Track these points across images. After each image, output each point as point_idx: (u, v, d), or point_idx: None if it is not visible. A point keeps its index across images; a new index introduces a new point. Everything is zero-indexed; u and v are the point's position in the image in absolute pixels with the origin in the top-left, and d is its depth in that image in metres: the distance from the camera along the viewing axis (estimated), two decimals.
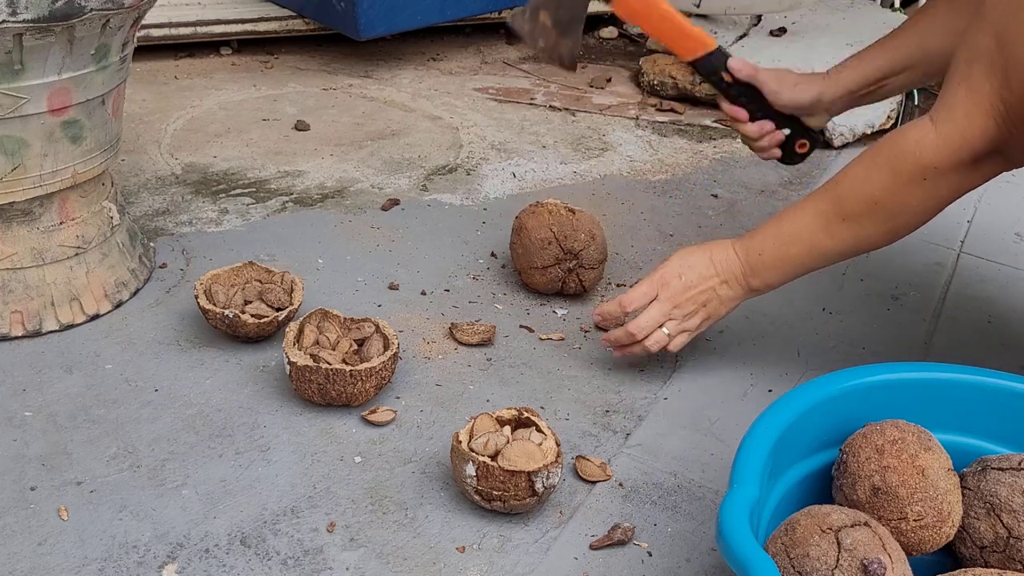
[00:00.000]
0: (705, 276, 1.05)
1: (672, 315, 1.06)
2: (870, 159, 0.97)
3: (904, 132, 0.95)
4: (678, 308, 1.06)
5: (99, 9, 0.98)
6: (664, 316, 1.06)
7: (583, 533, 0.90)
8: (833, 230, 0.99)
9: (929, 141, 0.92)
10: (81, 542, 0.85)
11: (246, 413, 1.02)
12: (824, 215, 0.99)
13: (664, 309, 1.06)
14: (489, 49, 2.27)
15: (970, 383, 0.88)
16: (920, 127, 0.93)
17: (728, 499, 0.72)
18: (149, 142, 1.65)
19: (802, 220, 1.01)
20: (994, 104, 0.88)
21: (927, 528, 0.79)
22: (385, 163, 1.63)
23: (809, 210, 1.01)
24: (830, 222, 0.99)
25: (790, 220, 1.03)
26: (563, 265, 1.23)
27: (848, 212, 0.98)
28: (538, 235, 1.23)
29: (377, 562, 0.85)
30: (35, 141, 1.04)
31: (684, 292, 1.06)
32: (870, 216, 0.97)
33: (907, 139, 0.94)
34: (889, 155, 0.95)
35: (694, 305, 1.06)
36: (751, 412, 0.87)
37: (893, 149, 0.95)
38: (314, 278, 1.27)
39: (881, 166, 0.95)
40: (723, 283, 1.05)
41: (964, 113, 0.90)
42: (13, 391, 1.03)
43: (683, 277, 1.06)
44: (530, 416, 0.94)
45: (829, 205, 0.99)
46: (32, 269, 1.11)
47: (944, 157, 0.91)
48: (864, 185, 0.97)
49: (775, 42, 1.95)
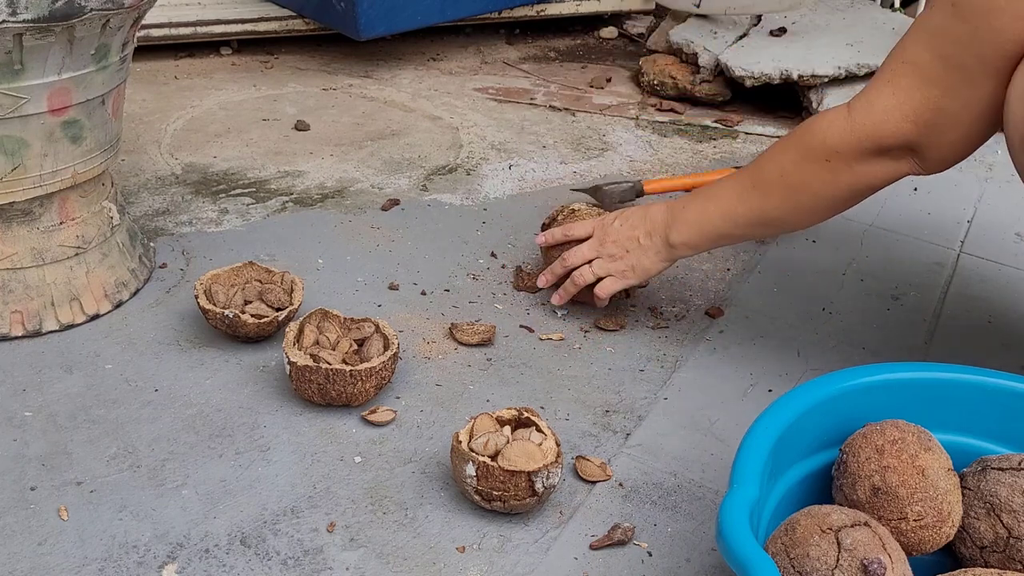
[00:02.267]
0: (635, 224, 1.13)
1: (600, 253, 1.15)
2: (790, 133, 1.03)
3: (822, 114, 0.99)
4: (604, 247, 1.15)
5: (99, 9, 0.98)
6: (593, 252, 1.16)
7: (583, 533, 0.90)
8: (745, 196, 1.04)
9: (839, 125, 0.96)
10: (81, 542, 0.85)
11: (246, 413, 1.02)
12: (741, 180, 1.05)
13: (594, 245, 1.16)
14: (489, 49, 2.28)
15: (970, 383, 0.88)
16: (836, 112, 0.97)
17: (728, 499, 0.72)
18: (149, 142, 1.65)
19: (726, 182, 1.07)
20: (920, 112, 0.91)
21: (927, 528, 0.79)
22: (385, 163, 1.63)
23: (735, 174, 1.08)
24: (744, 187, 1.04)
25: (718, 182, 1.09)
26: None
27: (758, 180, 1.03)
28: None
29: (377, 562, 0.85)
30: (35, 141, 1.04)
31: (614, 233, 1.14)
32: (776, 188, 1.02)
33: (820, 120, 0.98)
34: (803, 132, 1.00)
35: (619, 249, 1.14)
36: (751, 412, 0.87)
37: (807, 128, 0.99)
38: (314, 278, 1.27)
39: (795, 142, 1.00)
40: (647, 234, 1.12)
41: (882, 110, 0.93)
42: (13, 391, 1.03)
43: (617, 222, 1.15)
44: (530, 416, 0.94)
45: (747, 172, 1.05)
46: (32, 269, 1.11)
47: (847, 143, 0.95)
48: (777, 156, 1.02)
49: (775, 42, 1.95)
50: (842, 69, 1.82)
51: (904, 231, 1.50)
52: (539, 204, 1.52)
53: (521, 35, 2.38)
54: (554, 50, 2.31)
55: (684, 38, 2.00)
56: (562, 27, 2.44)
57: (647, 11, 2.39)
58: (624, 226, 1.14)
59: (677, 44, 2.01)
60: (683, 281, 1.33)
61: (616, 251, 1.14)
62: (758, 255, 1.41)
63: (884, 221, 1.52)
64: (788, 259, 1.40)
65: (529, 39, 2.37)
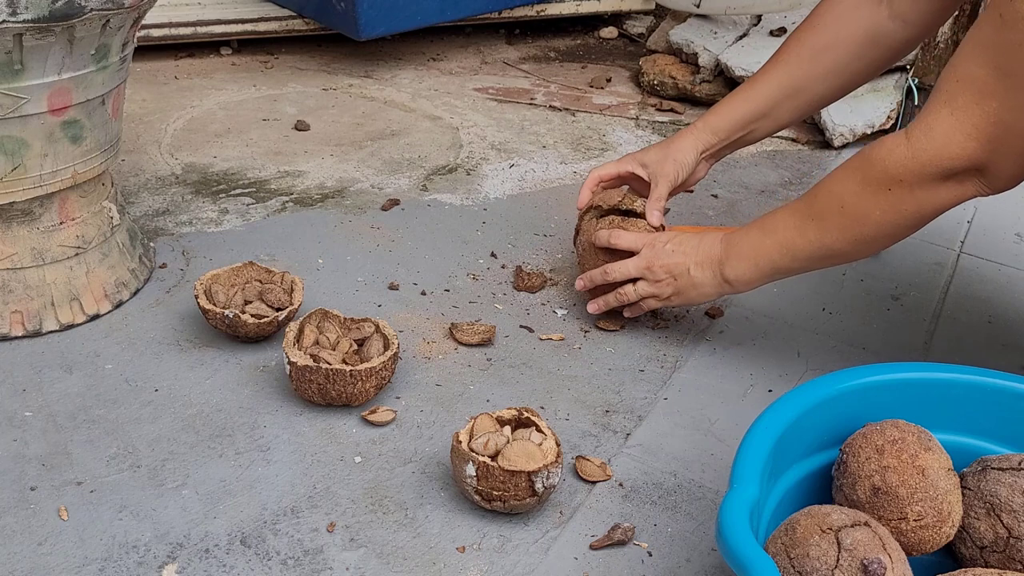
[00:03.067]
0: (688, 252, 1.10)
1: (646, 275, 1.12)
2: (846, 163, 0.99)
3: (880, 141, 0.96)
4: (651, 271, 1.12)
5: (99, 9, 0.98)
6: (639, 271, 1.12)
7: (583, 533, 0.90)
8: (803, 228, 1.02)
9: (900, 152, 0.93)
10: (81, 542, 0.85)
11: (246, 413, 1.02)
12: (799, 212, 1.02)
13: (640, 264, 1.12)
14: (489, 49, 2.27)
15: (970, 383, 0.88)
16: (894, 139, 0.95)
17: (728, 499, 0.72)
18: (149, 142, 1.65)
19: (781, 214, 1.05)
20: (981, 128, 0.89)
21: (927, 528, 0.79)
22: (385, 163, 1.63)
23: (790, 206, 1.04)
24: (802, 219, 1.02)
25: (772, 213, 1.06)
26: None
27: (817, 212, 1.00)
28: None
29: (377, 562, 0.85)
30: (35, 141, 1.04)
31: (664, 258, 1.11)
32: (835, 219, 0.99)
33: (880, 148, 0.95)
34: (861, 161, 0.97)
35: (666, 274, 1.11)
36: (751, 412, 0.87)
37: (866, 156, 0.97)
38: (314, 278, 1.27)
39: (853, 171, 0.98)
40: (699, 264, 1.10)
41: (943, 132, 0.91)
42: (13, 391, 1.03)
43: (668, 246, 1.11)
44: (530, 416, 0.94)
45: (804, 203, 1.02)
46: (32, 269, 1.11)
47: (911, 170, 0.93)
48: (835, 187, 0.99)
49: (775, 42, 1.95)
50: None
51: None
52: (539, 204, 1.52)
53: (521, 35, 2.38)
54: (554, 50, 2.31)
55: (684, 38, 2.00)
56: (562, 27, 2.44)
57: (647, 11, 2.39)
58: (676, 252, 1.10)
59: (677, 44, 2.01)
60: None
61: (663, 276, 1.11)
62: None
63: None
64: None
65: (529, 39, 2.37)
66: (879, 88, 1.82)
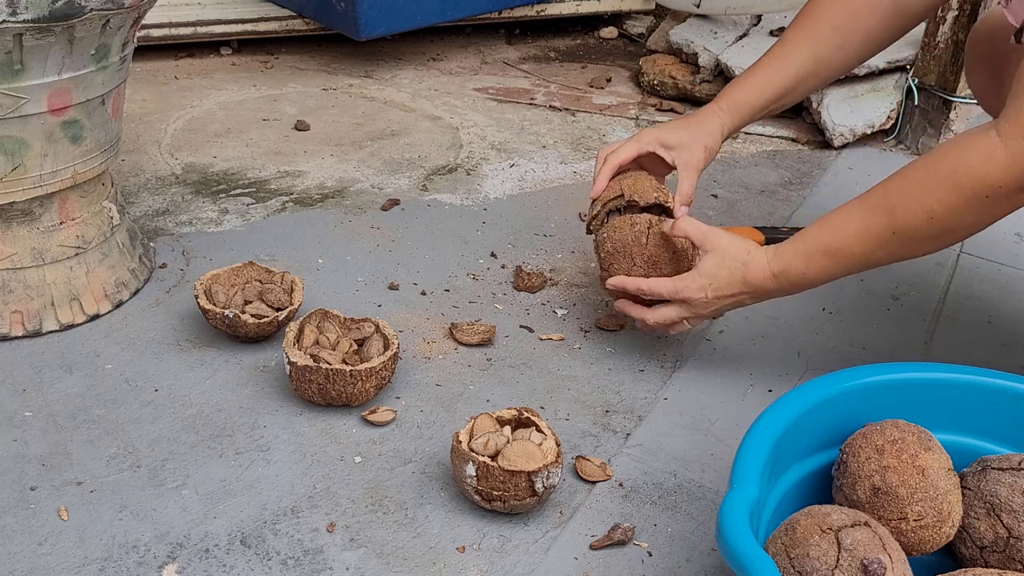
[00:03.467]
0: (733, 294, 1.03)
1: (687, 316, 1.06)
2: (929, 173, 0.91)
3: (969, 146, 0.89)
4: (695, 312, 1.06)
5: (99, 9, 0.98)
6: (680, 317, 1.07)
7: (583, 533, 0.90)
8: (887, 246, 0.95)
9: (999, 159, 0.86)
10: (81, 542, 0.85)
11: (246, 413, 1.02)
12: (877, 231, 0.94)
13: (682, 313, 1.06)
14: (489, 49, 2.27)
15: (970, 383, 0.88)
16: (987, 142, 0.87)
17: (728, 499, 0.72)
18: (149, 142, 1.65)
19: (850, 230, 0.96)
20: None
21: (927, 528, 0.79)
22: (385, 163, 1.63)
23: (858, 225, 0.96)
24: (884, 238, 0.94)
25: (839, 237, 0.97)
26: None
27: (902, 227, 0.93)
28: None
29: (377, 562, 0.85)
30: (35, 141, 1.04)
31: (704, 305, 1.05)
32: (925, 230, 0.92)
33: (974, 155, 0.88)
34: (952, 171, 0.89)
35: (709, 311, 1.06)
36: (751, 412, 0.87)
37: (957, 165, 0.89)
38: (314, 278, 1.27)
39: (943, 181, 0.90)
40: (751, 297, 1.04)
41: None
42: (13, 391, 1.03)
43: (710, 292, 1.03)
44: (530, 416, 0.94)
45: (882, 220, 0.94)
46: (32, 269, 1.11)
47: (1014, 177, 0.86)
48: (923, 200, 0.91)
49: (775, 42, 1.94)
50: None
51: None
52: (539, 204, 1.52)
53: (521, 35, 2.38)
54: (554, 50, 2.31)
55: (684, 38, 2.00)
56: (562, 27, 2.44)
57: (647, 11, 2.39)
58: (717, 295, 1.03)
59: (677, 44, 2.01)
60: None
61: (705, 312, 1.06)
62: None
63: None
64: None
65: (529, 39, 2.37)
66: (879, 88, 1.82)
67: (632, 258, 1.10)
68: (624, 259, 1.10)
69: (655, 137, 1.15)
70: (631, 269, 1.10)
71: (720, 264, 1.03)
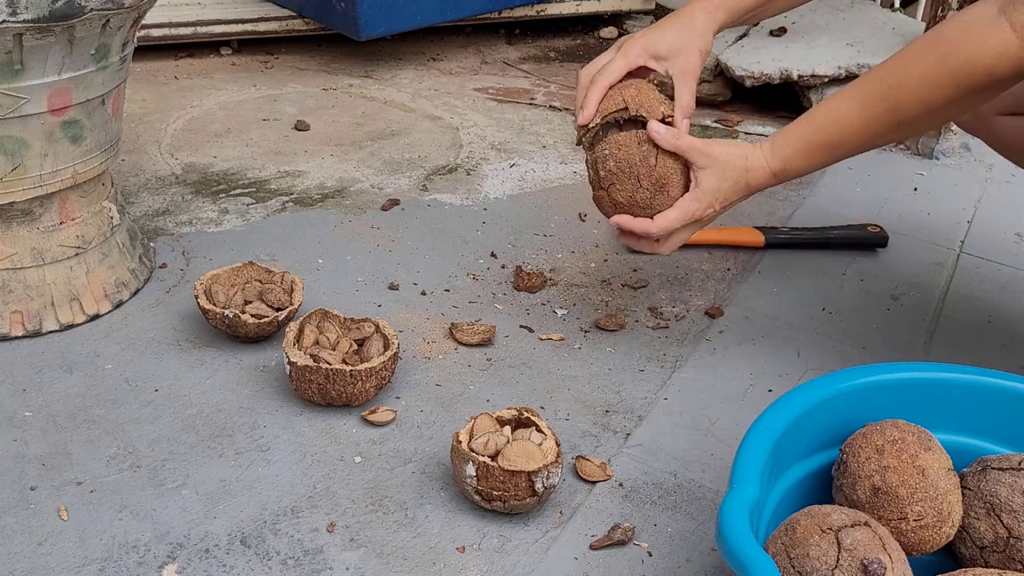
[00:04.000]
0: (738, 199, 1.02)
1: (697, 229, 1.04)
2: (936, 66, 0.88)
3: (979, 39, 0.85)
4: (704, 224, 1.04)
5: (99, 9, 0.98)
6: (691, 235, 1.04)
7: (583, 533, 0.90)
8: (887, 135, 0.94)
9: (1012, 54, 0.83)
10: (81, 542, 0.85)
11: (246, 413, 1.02)
12: (879, 124, 0.93)
13: (692, 231, 1.04)
14: (489, 49, 2.27)
15: (970, 383, 0.88)
16: (1000, 37, 0.84)
17: (728, 499, 0.72)
18: (149, 142, 1.65)
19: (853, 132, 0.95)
20: None
21: (927, 528, 0.79)
22: (385, 163, 1.63)
23: (859, 120, 0.94)
24: (886, 130, 0.93)
25: (840, 131, 0.95)
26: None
27: (904, 119, 0.92)
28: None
29: (377, 562, 0.85)
30: (35, 141, 1.04)
31: (714, 216, 1.03)
32: (927, 121, 0.92)
33: (987, 51, 0.84)
34: (960, 65, 0.86)
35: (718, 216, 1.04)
36: (751, 412, 0.87)
37: (967, 59, 0.86)
38: (314, 278, 1.27)
39: (952, 75, 0.87)
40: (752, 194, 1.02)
41: None
42: (13, 391, 1.03)
43: (716, 207, 1.01)
44: (530, 416, 0.94)
45: (886, 114, 0.92)
46: (32, 269, 1.11)
47: (1020, 67, 0.84)
48: (927, 94, 0.89)
49: (775, 42, 1.95)
50: (842, 69, 1.82)
51: (904, 231, 1.50)
52: (539, 204, 1.52)
53: (521, 35, 2.38)
54: (554, 50, 2.31)
55: None
56: (562, 27, 2.44)
57: (647, 11, 2.39)
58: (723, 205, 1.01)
59: None
60: (683, 281, 1.33)
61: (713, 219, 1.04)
62: (758, 255, 1.41)
63: (884, 221, 1.52)
64: (788, 259, 1.40)
65: (529, 39, 2.37)
66: None
67: (638, 179, 1.01)
68: (629, 180, 1.01)
69: (643, 48, 1.05)
70: (636, 192, 1.01)
71: (722, 178, 1.00)
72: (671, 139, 1.00)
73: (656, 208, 1.02)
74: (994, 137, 1.08)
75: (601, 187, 1.04)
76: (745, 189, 1.01)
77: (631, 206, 1.03)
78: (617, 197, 1.03)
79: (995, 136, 1.07)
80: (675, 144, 1.00)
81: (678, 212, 1.00)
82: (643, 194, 1.01)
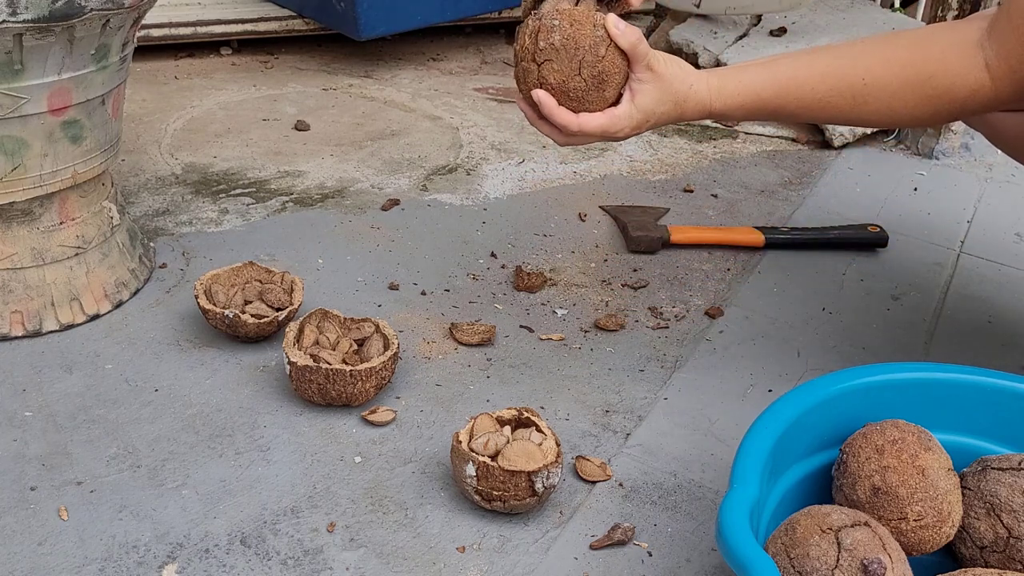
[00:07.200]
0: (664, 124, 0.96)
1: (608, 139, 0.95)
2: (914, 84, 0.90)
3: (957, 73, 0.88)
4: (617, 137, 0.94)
5: (99, 9, 0.98)
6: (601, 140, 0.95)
7: (583, 533, 0.90)
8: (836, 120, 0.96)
9: (983, 96, 0.87)
10: (81, 542, 0.85)
11: (246, 413, 1.02)
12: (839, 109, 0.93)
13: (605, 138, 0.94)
14: (489, 49, 2.27)
15: (970, 383, 0.88)
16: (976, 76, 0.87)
17: (728, 499, 0.72)
18: (149, 142, 1.65)
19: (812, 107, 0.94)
20: None
21: (927, 528, 0.79)
22: (385, 163, 1.63)
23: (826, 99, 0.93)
24: (842, 116, 0.94)
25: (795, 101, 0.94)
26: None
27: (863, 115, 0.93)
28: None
29: (377, 562, 0.85)
30: (35, 141, 1.04)
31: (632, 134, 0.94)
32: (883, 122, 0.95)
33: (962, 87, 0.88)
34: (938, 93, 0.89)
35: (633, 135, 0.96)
36: (751, 412, 0.87)
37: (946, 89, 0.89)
38: (314, 278, 1.27)
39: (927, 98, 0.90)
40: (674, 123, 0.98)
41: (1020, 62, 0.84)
42: (13, 391, 1.03)
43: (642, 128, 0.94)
44: (530, 416, 0.94)
45: (850, 104, 0.93)
46: (32, 269, 1.11)
47: (988, 109, 0.89)
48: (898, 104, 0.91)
49: (775, 42, 1.95)
50: None
51: (904, 231, 1.50)
52: (539, 204, 1.52)
53: None
54: None
55: (684, 38, 2.00)
56: None
57: (647, 11, 2.39)
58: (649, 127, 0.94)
59: (677, 44, 2.00)
60: (683, 281, 1.33)
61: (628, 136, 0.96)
62: (758, 255, 1.41)
63: (884, 221, 1.52)
64: (788, 259, 1.40)
65: None
66: None
67: (579, 65, 0.88)
68: (570, 63, 0.88)
69: None
70: (571, 78, 0.89)
71: (660, 100, 0.92)
72: (631, 37, 0.88)
73: (585, 105, 0.90)
74: (994, 132, 1.08)
75: (534, 60, 0.90)
76: (677, 119, 0.94)
77: (559, 92, 0.90)
78: (549, 77, 0.89)
79: (995, 131, 1.08)
80: (632, 43, 0.88)
81: (605, 120, 0.91)
82: (578, 83, 0.89)
